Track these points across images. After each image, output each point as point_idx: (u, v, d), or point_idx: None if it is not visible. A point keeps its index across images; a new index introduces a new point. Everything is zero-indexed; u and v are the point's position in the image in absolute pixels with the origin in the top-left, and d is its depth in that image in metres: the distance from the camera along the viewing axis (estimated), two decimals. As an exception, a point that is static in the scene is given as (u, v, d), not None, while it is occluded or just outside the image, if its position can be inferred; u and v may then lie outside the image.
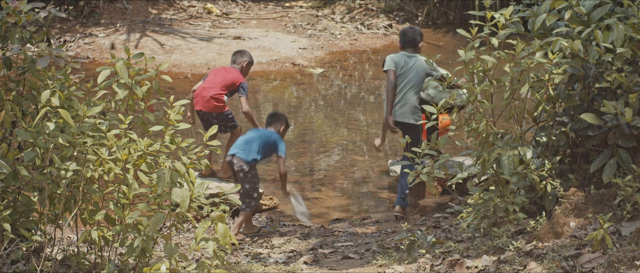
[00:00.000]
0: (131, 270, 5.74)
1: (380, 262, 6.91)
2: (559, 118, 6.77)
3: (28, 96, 5.91)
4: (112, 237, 5.77)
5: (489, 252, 6.41)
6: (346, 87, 14.55)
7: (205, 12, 18.31)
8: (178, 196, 5.34)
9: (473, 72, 6.90)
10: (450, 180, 7.05)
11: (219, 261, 5.20)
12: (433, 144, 6.89)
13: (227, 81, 9.28)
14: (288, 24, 17.75)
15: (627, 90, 6.53)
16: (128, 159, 5.66)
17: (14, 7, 5.79)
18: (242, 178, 8.60)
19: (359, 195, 10.28)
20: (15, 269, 5.61)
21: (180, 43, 16.22)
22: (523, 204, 6.65)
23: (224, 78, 9.27)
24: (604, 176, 6.46)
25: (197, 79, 14.75)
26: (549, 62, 6.62)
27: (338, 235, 8.69)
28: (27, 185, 5.64)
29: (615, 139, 6.48)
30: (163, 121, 5.81)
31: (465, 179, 7.37)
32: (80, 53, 15.95)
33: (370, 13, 18.19)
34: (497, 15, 6.85)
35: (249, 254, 7.92)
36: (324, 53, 16.33)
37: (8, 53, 5.74)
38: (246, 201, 8.60)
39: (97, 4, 17.58)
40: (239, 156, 8.61)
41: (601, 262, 5.78)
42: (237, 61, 9.54)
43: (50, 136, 5.51)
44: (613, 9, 6.80)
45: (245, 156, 8.62)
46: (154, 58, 6.06)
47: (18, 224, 5.71)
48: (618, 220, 6.27)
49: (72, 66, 5.92)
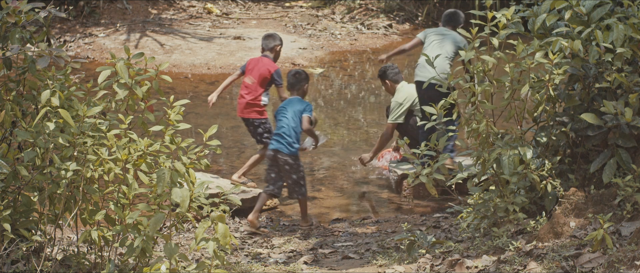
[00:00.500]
0: (131, 270, 5.74)
1: (380, 262, 6.91)
2: (559, 118, 6.77)
3: (28, 96, 5.91)
4: (112, 237, 5.77)
5: (489, 252, 6.41)
6: (346, 87, 14.54)
7: (205, 12, 18.31)
8: (178, 196, 5.34)
9: (474, 72, 6.91)
10: (450, 180, 7.05)
11: (219, 261, 5.20)
12: (433, 144, 6.89)
13: (261, 76, 9.33)
14: (288, 24, 17.75)
15: (627, 90, 6.53)
16: (128, 159, 5.66)
17: (14, 7, 5.79)
18: (289, 170, 8.86)
19: (359, 195, 10.28)
20: (15, 269, 5.61)
21: (180, 43, 16.22)
22: (523, 204, 6.64)
23: (259, 73, 9.29)
24: (604, 176, 6.45)
25: (197, 79, 14.78)
26: (549, 63, 6.62)
27: (338, 235, 8.69)
28: (27, 185, 5.64)
29: (615, 139, 6.48)
30: (163, 121, 5.80)
31: (465, 179, 7.37)
32: (80, 53, 15.95)
33: (370, 13, 18.20)
34: (498, 16, 6.85)
35: (249, 254, 7.92)
36: (324, 53, 16.33)
37: (8, 53, 5.74)
38: (296, 190, 8.92)
39: (97, 4, 17.58)
40: (281, 151, 8.81)
41: (601, 262, 5.78)
42: (268, 45, 9.50)
43: (50, 136, 5.51)
44: (613, 9, 6.80)
45: (287, 150, 8.81)
46: (154, 58, 6.06)
47: (18, 224, 5.71)
48: (618, 220, 6.27)
49: (72, 66, 5.91)
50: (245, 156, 11.37)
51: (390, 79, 10.25)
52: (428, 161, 6.92)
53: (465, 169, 7.04)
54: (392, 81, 10.25)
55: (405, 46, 9.83)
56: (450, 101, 6.94)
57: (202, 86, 14.50)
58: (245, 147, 11.69)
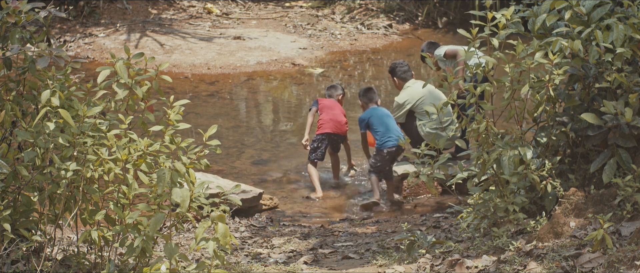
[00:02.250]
0: (131, 270, 5.74)
1: (380, 262, 6.91)
2: (559, 118, 6.77)
3: (28, 96, 5.90)
4: (112, 237, 5.77)
5: (489, 252, 6.41)
6: (346, 87, 14.55)
7: (205, 12, 18.30)
8: (178, 196, 5.33)
9: (474, 72, 6.90)
10: (450, 180, 7.05)
11: (219, 261, 5.20)
12: (432, 144, 6.89)
13: (343, 112, 10.66)
14: (288, 24, 17.75)
15: (627, 90, 6.53)
16: (128, 159, 5.66)
17: (14, 7, 5.79)
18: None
19: (359, 195, 10.29)
20: (15, 269, 5.61)
21: (180, 43, 16.22)
22: (523, 204, 6.64)
23: (341, 109, 10.67)
24: (604, 176, 6.45)
25: (197, 79, 14.78)
26: (549, 63, 6.61)
27: (338, 235, 8.69)
28: (27, 185, 5.64)
29: (615, 139, 6.47)
30: (163, 121, 5.80)
31: (465, 179, 7.37)
32: (80, 53, 15.95)
33: (370, 13, 18.19)
34: (498, 16, 6.85)
35: (249, 254, 7.92)
36: (324, 53, 16.33)
37: (8, 53, 5.74)
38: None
39: (97, 4, 17.57)
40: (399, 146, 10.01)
41: (601, 262, 5.78)
42: (332, 94, 10.83)
43: (50, 136, 5.51)
44: (613, 9, 6.80)
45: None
46: (154, 58, 6.06)
47: (18, 224, 5.71)
48: (618, 220, 6.27)
49: (72, 66, 5.91)
50: (245, 156, 11.38)
51: (398, 77, 10.29)
52: (428, 161, 6.93)
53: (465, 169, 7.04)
54: (400, 78, 10.27)
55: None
56: (450, 101, 6.94)
57: (202, 86, 14.50)
58: (245, 147, 11.70)
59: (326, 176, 10.70)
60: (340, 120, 10.54)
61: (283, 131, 12.50)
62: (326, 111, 10.56)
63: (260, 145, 11.82)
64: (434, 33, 17.33)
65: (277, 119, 13.17)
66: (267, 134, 12.38)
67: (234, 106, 13.78)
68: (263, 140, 12.05)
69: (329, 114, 10.53)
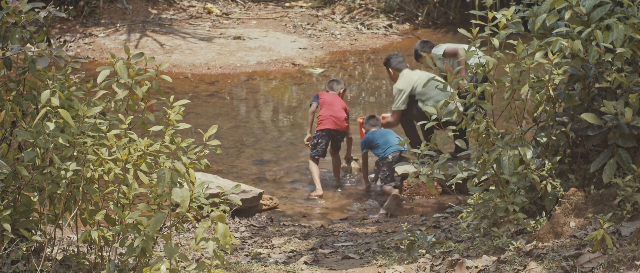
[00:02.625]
0: (131, 270, 5.74)
1: (380, 262, 6.91)
2: (559, 118, 6.77)
3: (28, 96, 5.90)
4: (112, 237, 5.77)
5: (489, 252, 6.41)
6: (346, 87, 14.55)
7: (205, 12, 18.31)
8: (178, 196, 5.33)
9: (474, 72, 6.90)
10: (450, 180, 7.05)
11: (219, 261, 5.20)
12: (432, 144, 6.88)
13: (344, 106, 10.60)
14: (288, 24, 17.75)
15: (627, 90, 6.53)
16: (128, 159, 5.65)
17: (14, 7, 5.78)
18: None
19: (359, 195, 10.29)
20: (15, 269, 5.60)
21: (180, 43, 16.22)
22: (523, 204, 6.64)
23: (342, 104, 10.60)
24: (604, 176, 6.45)
25: (197, 79, 14.79)
26: (549, 63, 6.61)
27: (338, 235, 8.69)
28: (27, 185, 5.64)
29: (615, 139, 6.47)
30: (163, 121, 5.80)
31: (465, 179, 7.37)
32: (80, 53, 15.95)
33: (370, 13, 18.19)
34: (498, 16, 6.85)
35: (249, 254, 7.92)
36: (324, 53, 16.33)
37: (8, 53, 5.74)
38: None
39: (97, 4, 17.57)
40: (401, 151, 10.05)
41: (601, 262, 5.78)
42: (334, 88, 10.82)
43: (50, 136, 5.51)
44: (613, 9, 6.80)
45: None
46: (154, 58, 6.06)
47: (18, 224, 5.71)
48: (618, 220, 6.27)
49: (72, 66, 5.91)
50: (245, 156, 11.38)
51: (393, 68, 10.36)
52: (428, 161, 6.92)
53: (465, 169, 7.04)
54: (395, 69, 10.35)
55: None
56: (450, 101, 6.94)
57: (202, 86, 14.50)
58: (245, 147, 11.70)
59: (327, 175, 10.70)
60: (340, 116, 10.49)
61: (283, 131, 12.50)
62: (326, 106, 10.54)
63: (260, 145, 11.82)
64: (434, 33, 17.33)
65: (277, 119, 13.17)
66: (267, 134, 12.38)
67: (234, 106, 13.77)
68: (263, 140, 12.05)
69: (328, 110, 10.50)
